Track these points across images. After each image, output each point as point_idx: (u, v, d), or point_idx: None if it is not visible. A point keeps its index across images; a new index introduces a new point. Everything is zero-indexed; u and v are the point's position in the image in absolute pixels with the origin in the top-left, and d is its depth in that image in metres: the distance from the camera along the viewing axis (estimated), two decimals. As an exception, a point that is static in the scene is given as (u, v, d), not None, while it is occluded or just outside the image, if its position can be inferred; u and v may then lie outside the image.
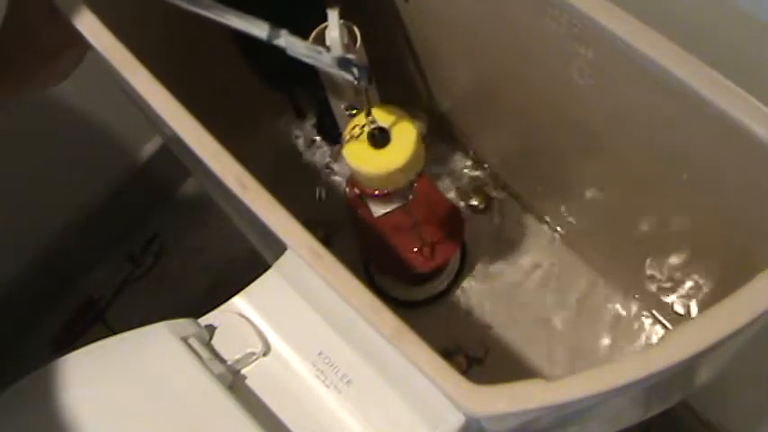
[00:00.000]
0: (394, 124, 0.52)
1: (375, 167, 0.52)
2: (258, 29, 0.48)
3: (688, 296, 0.63)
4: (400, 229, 0.74)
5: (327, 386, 0.42)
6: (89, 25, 0.45)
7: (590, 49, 0.46)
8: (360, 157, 0.52)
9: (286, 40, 0.48)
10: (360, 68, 0.49)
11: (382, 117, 0.52)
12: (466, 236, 0.79)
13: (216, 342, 0.45)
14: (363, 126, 0.52)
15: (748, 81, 0.39)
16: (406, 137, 0.52)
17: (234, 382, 0.44)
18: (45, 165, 0.85)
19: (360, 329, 0.38)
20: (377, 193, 0.76)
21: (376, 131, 0.52)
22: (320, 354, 0.43)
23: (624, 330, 0.73)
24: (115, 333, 0.45)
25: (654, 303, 0.71)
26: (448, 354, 0.74)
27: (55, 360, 0.45)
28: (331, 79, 0.60)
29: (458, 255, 0.78)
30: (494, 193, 0.81)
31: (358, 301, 0.37)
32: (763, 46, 0.46)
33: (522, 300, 0.76)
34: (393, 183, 0.54)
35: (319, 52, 0.49)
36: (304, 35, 0.56)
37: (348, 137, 0.52)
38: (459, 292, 0.78)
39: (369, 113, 0.52)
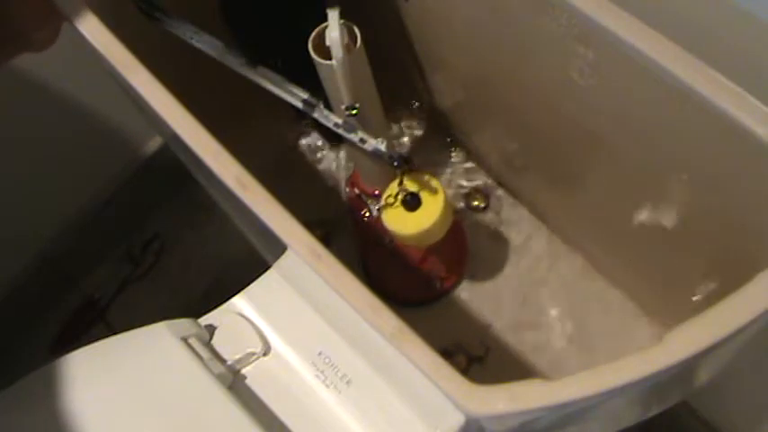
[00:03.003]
0: (423, 188, 0.59)
1: (411, 228, 0.59)
2: (294, 98, 0.50)
3: (688, 296, 0.63)
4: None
5: (327, 386, 0.42)
6: (89, 25, 0.45)
7: (590, 49, 0.46)
8: (397, 221, 0.60)
9: (320, 114, 0.51)
10: (393, 157, 0.55)
11: (412, 184, 0.59)
12: (466, 236, 0.79)
13: (216, 342, 0.45)
14: (397, 195, 0.59)
15: (748, 81, 0.39)
16: (435, 199, 0.59)
17: (234, 382, 0.44)
18: (45, 165, 0.85)
19: (360, 329, 0.38)
20: (377, 192, 0.76)
21: (408, 197, 0.59)
22: (320, 354, 0.43)
23: (624, 329, 0.73)
24: (115, 333, 0.45)
25: (654, 303, 0.71)
26: (448, 353, 0.74)
27: (55, 360, 0.45)
28: (330, 80, 0.60)
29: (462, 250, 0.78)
30: (494, 193, 0.81)
31: (358, 301, 0.37)
32: (763, 46, 0.46)
33: (522, 299, 0.76)
34: (430, 239, 0.61)
35: (363, 141, 0.55)
36: (304, 35, 0.56)
37: (384, 203, 0.60)
38: (459, 291, 0.78)
39: (401, 182, 0.59)
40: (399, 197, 0.59)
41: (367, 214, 0.79)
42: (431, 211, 0.59)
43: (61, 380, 0.44)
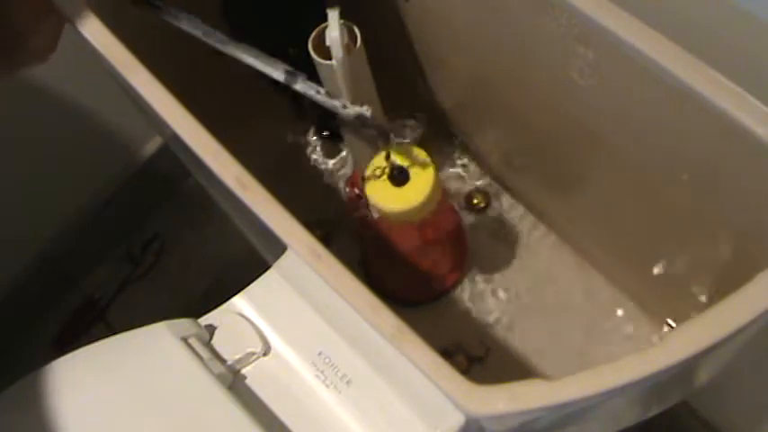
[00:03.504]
0: (412, 163, 0.56)
1: (397, 205, 0.56)
2: (275, 70, 0.49)
3: (688, 296, 0.63)
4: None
5: (327, 386, 0.42)
6: (90, 26, 0.45)
7: (590, 49, 0.46)
8: (382, 196, 0.56)
9: (302, 86, 0.50)
10: (377, 130, 0.53)
11: (400, 157, 0.56)
12: (466, 235, 0.79)
13: (216, 342, 0.45)
14: (384, 168, 0.56)
15: (748, 81, 0.39)
16: (424, 174, 0.56)
17: (234, 382, 0.44)
18: (45, 165, 0.85)
19: (360, 329, 0.38)
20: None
21: (395, 171, 0.56)
22: (320, 354, 0.43)
23: (624, 329, 0.73)
24: (115, 333, 0.45)
25: (654, 303, 0.71)
26: (448, 354, 0.74)
27: (55, 360, 0.45)
28: (330, 80, 0.60)
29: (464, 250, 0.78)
30: (494, 192, 0.81)
31: (358, 300, 0.37)
32: (763, 46, 0.46)
33: (522, 299, 0.76)
34: (415, 216, 0.58)
35: (345, 107, 0.51)
36: (304, 35, 0.56)
37: (369, 176, 0.56)
38: (459, 291, 0.78)
39: (388, 156, 0.55)
40: (386, 171, 0.56)
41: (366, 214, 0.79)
42: (420, 187, 0.56)
43: (61, 380, 0.44)
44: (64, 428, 0.42)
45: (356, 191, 0.78)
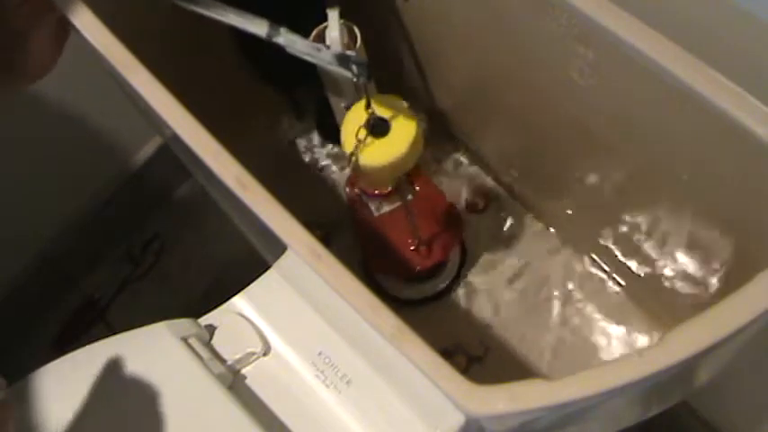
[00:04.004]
0: (393, 113, 0.52)
1: (378, 158, 0.51)
2: (257, 27, 0.48)
3: (688, 296, 0.63)
4: (400, 228, 0.74)
5: (327, 386, 0.42)
6: (90, 25, 0.45)
7: (590, 49, 0.46)
8: (362, 150, 0.51)
9: (285, 38, 0.49)
10: (359, 65, 0.49)
11: (380, 108, 0.52)
12: (466, 235, 0.79)
13: (216, 342, 0.45)
14: (366, 122, 0.51)
15: (748, 81, 0.39)
16: (405, 124, 0.51)
17: (234, 382, 0.44)
18: (45, 165, 0.85)
19: (360, 329, 0.38)
20: (377, 192, 0.76)
21: (375, 121, 0.51)
22: (320, 354, 0.43)
23: (624, 330, 0.73)
24: (115, 333, 0.45)
25: (654, 303, 0.71)
26: (448, 353, 0.74)
27: (55, 360, 0.45)
28: (331, 78, 0.60)
29: (457, 253, 0.78)
30: (494, 193, 0.81)
31: (358, 300, 0.37)
32: (763, 46, 0.46)
33: (521, 299, 0.76)
34: (396, 171, 0.53)
35: (318, 49, 0.49)
36: (304, 35, 0.56)
37: (355, 143, 0.51)
38: (458, 291, 0.78)
39: (368, 105, 0.51)
40: (366, 121, 0.51)
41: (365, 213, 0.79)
42: (402, 135, 0.51)
43: (61, 380, 0.44)
44: (63, 428, 0.42)
45: (356, 191, 0.78)
